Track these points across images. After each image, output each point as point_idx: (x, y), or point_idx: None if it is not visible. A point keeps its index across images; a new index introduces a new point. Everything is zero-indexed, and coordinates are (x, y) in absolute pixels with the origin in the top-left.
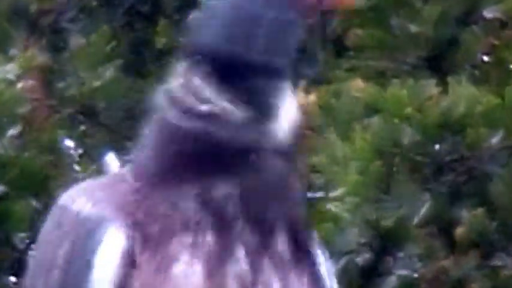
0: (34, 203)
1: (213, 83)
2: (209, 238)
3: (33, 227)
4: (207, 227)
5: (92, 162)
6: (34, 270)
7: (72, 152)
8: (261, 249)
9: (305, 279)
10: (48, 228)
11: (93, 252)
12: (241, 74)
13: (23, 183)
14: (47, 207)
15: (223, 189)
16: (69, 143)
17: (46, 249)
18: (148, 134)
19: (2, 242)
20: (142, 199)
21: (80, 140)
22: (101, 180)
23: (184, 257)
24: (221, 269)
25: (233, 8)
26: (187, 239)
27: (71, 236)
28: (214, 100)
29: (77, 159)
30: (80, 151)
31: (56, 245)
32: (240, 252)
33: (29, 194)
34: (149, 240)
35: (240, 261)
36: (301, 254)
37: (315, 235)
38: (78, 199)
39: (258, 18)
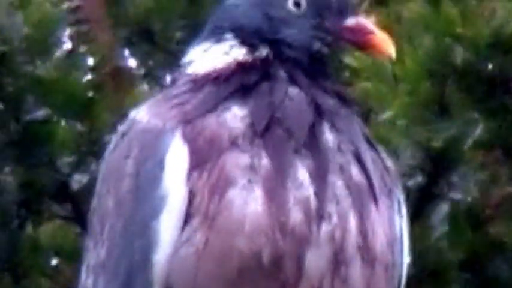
0: (78, 126)
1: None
2: (266, 161)
3: (77, 151)
4: (260, 148)
5: (154, 82)
6: (102, 187)
7: (134, 71)
8: (328, 174)
9: (384, 217)
10: (114, 142)
11: (164, 153)
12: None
13: (65, 106)
14: (91, 130)
15: (265, 111)
16: (132, 62)
17: (114, 162)
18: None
19: (47, 166)
20: (195, 114)
21: (142, 59)
22: (161, 96)
23: (242, 181)
24: (283, 194)
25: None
26: (243, 160)
27: (139, 142)
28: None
29: (140, 78)
30: (143, 70)
31: (123, 155)
32: (303, 176)
33: (72, 117)
34: (202, 157)
35: (303, 186)
36: (384, 187)
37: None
38: (141, 113)
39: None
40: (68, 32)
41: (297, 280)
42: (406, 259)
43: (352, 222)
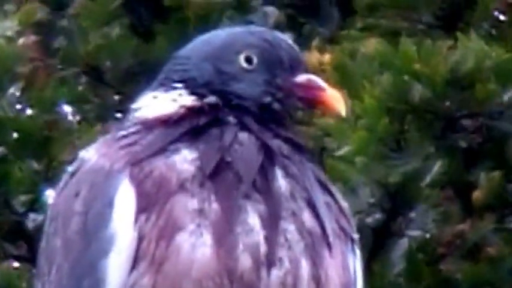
0: (34, 165)
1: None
2: (215, 205)
3: (33, 190)
4: (210, 192)
5: (91, 126)
6: (50, 226)
7: (70, 117)
8: (279, 220)
9: (339, 262)
10: (63, 181)
11: (112, 194)
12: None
13: (22, 145)
14: (47, 169)
15: (215, 155)
16: (67, 108)
17: (62, 201)
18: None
19: (1, 205)
20: (143, 155)
21: (79, 106)
22: (110, 137)
23: (191, 225)
24: (232, 240)
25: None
26: (192, 204)
27: (87, 182)
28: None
29: (76, 124)
30: (78, 117)
31: (72, 194)
32: (254, 221)
33: (28, 155)
34: (150, 200)
35: (253, 231)
36: (338, 231)
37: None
38: (90, 153)
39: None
40: (23, 68)
41: None
42: None
43: (305, 267)
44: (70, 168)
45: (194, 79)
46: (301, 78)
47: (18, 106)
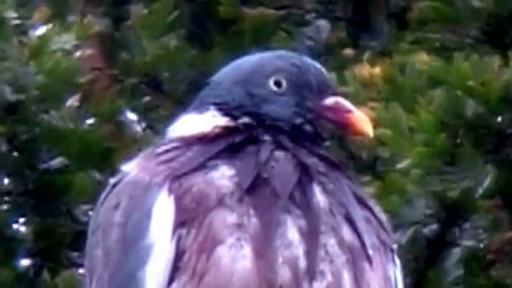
0: (96, 175)
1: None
2: (254, 220)
3: (95, 200)
4: (248, 206)
5: (155, 135)
6: (92, 237)
7: (135, 124)
8: (319, 234)
9: (380, 274)
10: (105, 193)
11: (150, 205)
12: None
13: (82, 155)
14: (110, 178)
15: (252, 171)
16: (132, 116)
17: (103, 212)
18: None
19: (63, 215)
20: (183, 171)
21: (143, 113)
22: (150, 152)
23: (230, 239)
24: (271, 253)
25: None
26: (231, 218)
27: (127, 194)
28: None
29: (140, 132)
30: (143, 124)
31: (113, 205)
32: (293, 235)
33: (90, 166)
34: (189, 214)
35: (292, 245)
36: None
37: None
38: (131, 167)
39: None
40: (82, 80)
41: None
42: None
43: (347, 279)
44: (112, 181)
45: (227, 102)
46: (330, 100)
47: (78, 117)
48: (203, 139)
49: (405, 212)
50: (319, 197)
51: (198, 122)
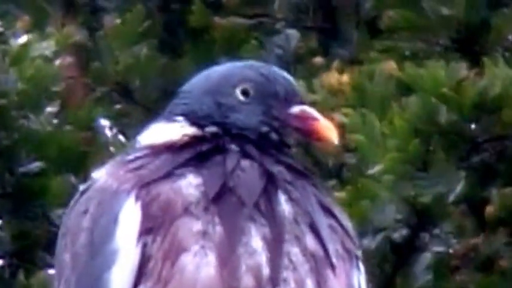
0: (71, 179)
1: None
2: (219, 228)
3: (70, 203)
4: (214, 215)
5: (126, 141)
6: (61, 242)
7: (107, 131)
8: (283, 243)
9: (343, 282)
10: (75, 199)
11: (117, 211)
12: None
13: (60, 160)
14: (83, 183)
15: (218, 180)
16: (104, 122)
17: (72, 217)
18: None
19: (40, 218)
20: (150, 179)
21: (115, 119)
22: (119, 160)
23: (195, 247)
24: (235, 261)
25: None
26: (196, 226)
27: (96, 199)
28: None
29: (112, 138)
30: (115, 130)
31: (81, 211)
32: (257, 243)
33: (66, 170)
34: (156, 222)
35: (256, 253)
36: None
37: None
38: (100, 174)
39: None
40: (59, 87)
41: None
42: None
43: (310, 287)
44: (81, 187)
45: (195, 112)
46: (296, 109)
47: (56, 123)
48: (171, 148)
49: (375, 218)
50: (284, 206)
51: (167, 131)
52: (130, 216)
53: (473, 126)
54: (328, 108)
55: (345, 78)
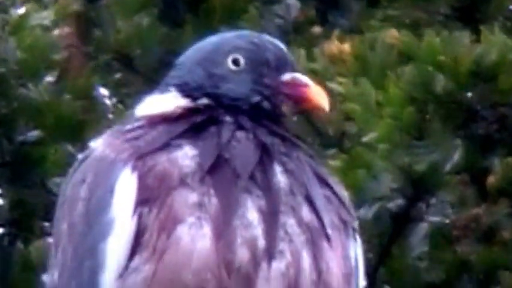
0: (69, 147)
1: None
2: (214, 200)
3: (67, 172)
4: (209, 187)
5: (125, 110)
6: (58, 211)
7: (106, 100)
8: (279, 214)
9: (339, 253)
10: (73, 169)
11: (114, 182)
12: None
13: (58, 129)
14: (81, 152)
15: (213, 151)
16: (103, 91)
17: (70, 187)
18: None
19: (38, 186)
20: (147, 150)
21: (114, 89)
22: (116, 130)
23: (191, 218)
24: (230, 233)
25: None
26: (192, 198)
27: (93, 169)
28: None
29: (111, 107)
30: (114, 99)
31: (79, 180)
32: (253, 215)
33: (64, 139)
34: (152, 193)
35: (251, 225)
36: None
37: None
38: (98, 143)
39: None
40: (58, 56)
41: None
42: (362, 282)
43: (306, 259)
44: (80, 157)
45: (187, 83)
46: (287, 76)
47: (55, 92)
48: (167, 119)
49: (371, 187)
50: (280, 177)
51: (161, 102)
52: (126, 186)
53: (469, 94)
54: (328, 77)
55: (346, 47)
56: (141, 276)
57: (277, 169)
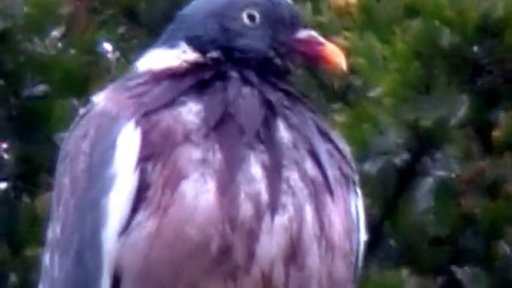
0: (75, 102)
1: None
2: (219, 155)
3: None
4: (214, 142)
5: (129, 65)
6: (60, 166)
7: (110, 54)
8: (282, 169)
9: (341, 208)
10: (75, 123)
11: (116, 136)
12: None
13: (63, 83)
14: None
15: (219, 107)
16: (107, 46)
17: (72, 142)
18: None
19: (43, 140)
20: (151, 107)
21: (118, 43)
22: (119, 85)
23: (195, 174)
24: (234, 188)
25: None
26: (196, 154)
27: (95, 124)
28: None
29: (114, 62)
30: (118, 54)
31: (81, 135)
32: (256, 170)
33: (70, 93)
34: (156, 149)
35: (255, 180)
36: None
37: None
38: (100, 98)
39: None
40: (64, 11)
41: (248, 267)
42: (363, 236)
43: (309, 213)
44: (81, 111)
45: (198, 37)
46: (302, 34)
47: (60, 47)
48: (172, 75)
49: (376, 142)
50: (283, 132)
51: (167, 56)
52: (128, 141)
53: (475, 49)
54: (334, 30)
55: (353, 0)
56: (145, 232)
57: (281, 124)
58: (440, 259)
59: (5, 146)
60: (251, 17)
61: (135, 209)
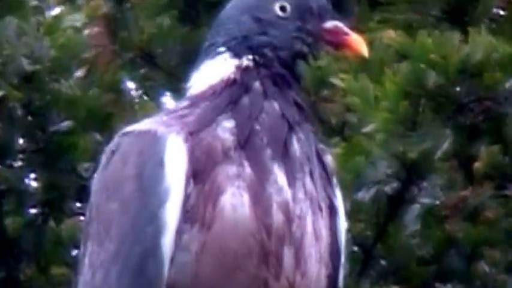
0: (97, 136)
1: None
2: (248, 170)
3: (95, 158)
4: (244, 158)
5: (150, 102)
6: (99, 197)
7: (132, 92)
8: (296, 181)
9: (326, 224)
10: (105, 160)
11: (163, 152)
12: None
13: (87, 119)
14: (108, 140)
15: (247, 124)
16: (130, 84)
17: (109, 174)
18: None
19: (68, 171)
20: (193, 128)
21: (140, 82)
22: (162, 113)
23: (231, 189)
24: (266, 199)
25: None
26: (232, 170)
27: (136, 147)
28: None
29: (137, 99)
30: (140, 92)
31: (120, 163)
32: (282, 181)
33: (93, 129)
34: (199, 166)
35: (282, 190)
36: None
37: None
38: (136, 125)
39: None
40: (88, 54)
41: (279, 274)
42: (344, 253)
43: (309, 224)
44: (109, 146)
45: (235, 37)
46: (329, 24)
47: (84, 86)
48: (211, 95)
49: (369, 172)
50: (296, 146)
51: (210, 71)
52: (176, 156)
53: (458, 89)
54: (331, 73)
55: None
56: (193, 251)
57: (294, 138)
58: (426, 277)
59: (33, 175)
60: (283, 8)
61: (185, 220)
